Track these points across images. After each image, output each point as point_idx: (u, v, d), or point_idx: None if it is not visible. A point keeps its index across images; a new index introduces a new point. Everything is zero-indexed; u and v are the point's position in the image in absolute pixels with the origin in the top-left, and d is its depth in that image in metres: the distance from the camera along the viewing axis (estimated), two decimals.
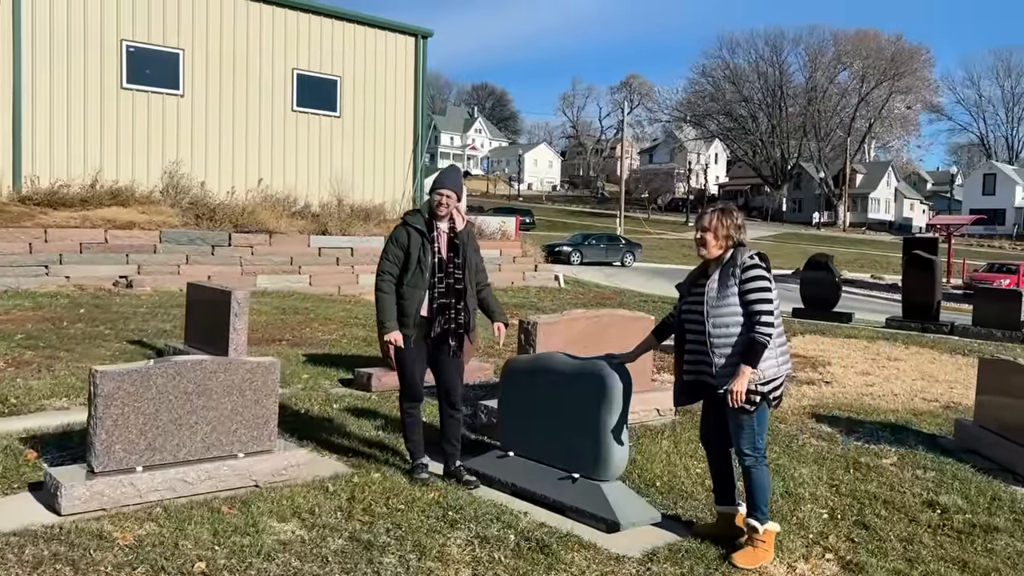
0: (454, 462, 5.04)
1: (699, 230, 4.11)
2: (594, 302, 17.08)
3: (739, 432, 4.03)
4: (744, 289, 3.92)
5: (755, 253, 4.02)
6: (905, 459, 6.02)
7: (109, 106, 17.73)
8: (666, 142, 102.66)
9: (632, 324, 6.83)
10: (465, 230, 5.07)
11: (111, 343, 9.01)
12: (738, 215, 4.14)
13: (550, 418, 4.80)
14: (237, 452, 4.73)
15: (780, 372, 4.01)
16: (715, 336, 3.95)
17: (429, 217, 4.92)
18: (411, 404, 5.00)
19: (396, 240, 4.91)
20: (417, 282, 4.84)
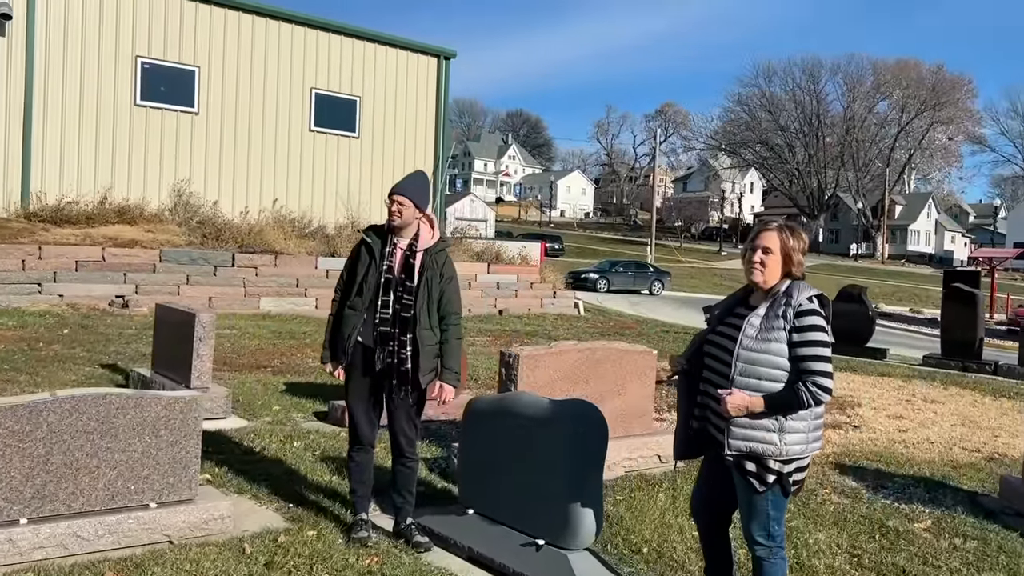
0: (404, 518, 4.33)
1: (758, 249, 3.19)
2: (612, 331, 16.29)
3: (751, 513, 3.21)
4: (799, 340, 3.07)
5: (817, 294, 3.15)
6: (941, 523, 5.18)
7: (122, 123, 17.44)
8: (701, 170, 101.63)
9: (630, 358, 6.09)
10: (432, 249, 4.28)
11: (81, 367, 8.45)
12: (806, 236, 3.26)
13: (514, 471, 4.07)
14: (148, 502, 4.06)
15: (808, 451, 3.16)
16: (739, 386, 3.11)
17: (389, 231, 4.24)
18: (354, 448, 4.28)
19: (349, 256, 4.35)
20: (356, 303, 4.19)
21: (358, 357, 4.18)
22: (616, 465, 5.90)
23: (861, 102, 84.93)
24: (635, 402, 6.15)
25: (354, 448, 4.27)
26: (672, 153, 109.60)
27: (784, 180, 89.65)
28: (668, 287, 36.00)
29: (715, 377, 3.24)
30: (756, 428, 3.10)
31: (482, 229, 45.78)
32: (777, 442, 3.09)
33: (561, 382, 5.73)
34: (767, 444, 3.09)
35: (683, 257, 60.55)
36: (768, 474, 3.12)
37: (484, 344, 12.79)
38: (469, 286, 18.19)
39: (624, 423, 6.08)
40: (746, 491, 3.18)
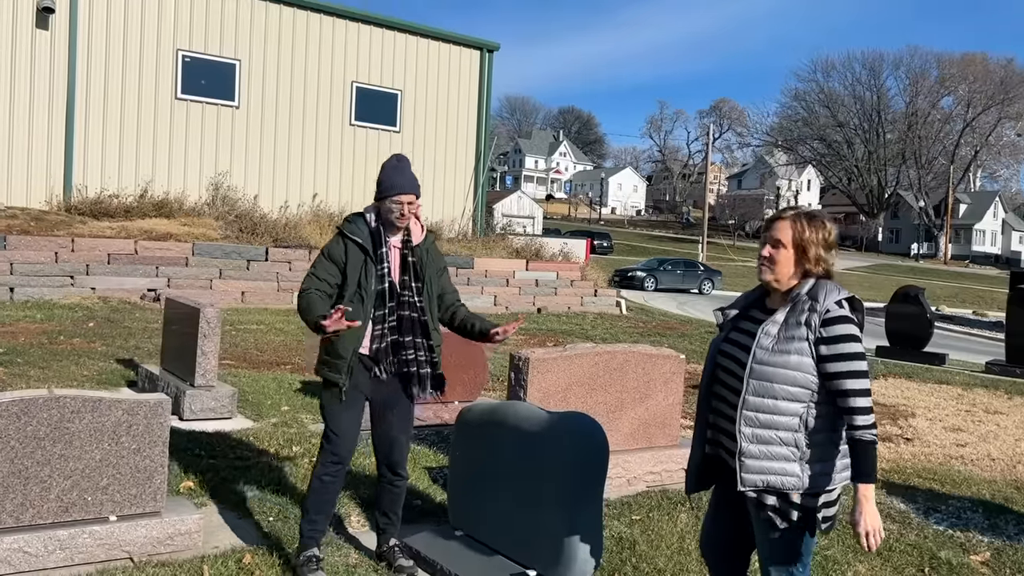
0: (388, 540, 3.91)
1: (767, 243, 2.71)
2: (653, 332, 15.70)
3: (771, 554, 2.70)
4: (828, 354, 2.53)
5: (847, 297, 2.62)
6: (1002, 556, 4.57)
7: (163, 116, 17.43)
8: (756, 167, 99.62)
9: (654, 363, 5.59)
10: (424, 244, 3.86)
11: (96, 362, 8.24)
12: (830, 226, 2.71)
13: (507, 491, 3.63)
14: (108, 514, 3.72)
15: (837, 482, 2.61)
16: (751, 407, 2.59)
17: (377, 227, 3.73)
18: (332, 465, 3.67)
19: (329, 254, 3.71)
20: (355, 314, 3.59)
21: (359, 370, 3.68)
22: (638, 480, 5.42)
23: (924, 97, 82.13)
24: (660, 411, 5.65)
25: (330, 464, 3.66)
26: (727, 150, 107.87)
27: (843, 177, 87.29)
28: (719, 286, 35.04)
29: (727, 394, 2.72)
30: (773, 458, 2.59)
31: (529, 226, 45.42)
32: (799, 473, 2.58)
33: (576, 388, 5.26)
34: (788, 476, 2.58)
35: (736, 256, 59.23)
36: (792, 510, 2.60)
37: (517, 344, 12.35)
38: (507, 283, 17.78)
39: (647, 434, 5.59)
40: (764, 529, 2.67)
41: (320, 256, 3.74)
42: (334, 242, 3.75)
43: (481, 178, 21.92)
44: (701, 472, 2.85)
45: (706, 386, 2.82)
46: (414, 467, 5.36)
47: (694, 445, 2.87)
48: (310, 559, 3.57)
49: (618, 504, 4.95)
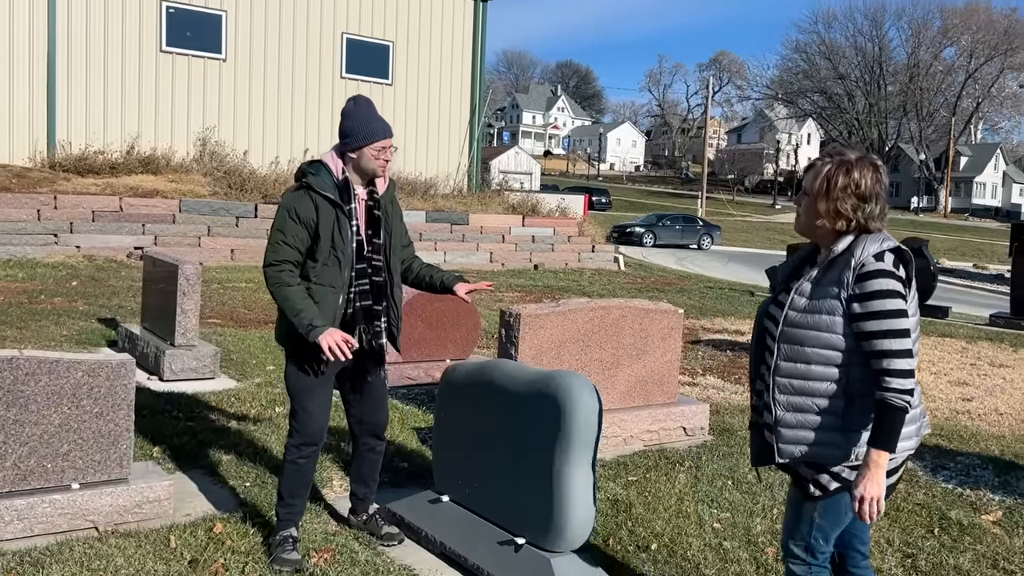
0: (368, 507, 3.69)
1: (803, 191, 2.43)
2: (651, 287, 15.46)
3: (794, 520, 2.48)
4: (861, 312, 2.27)
5: (892, 248, 2.33)
6: (1014, 515, 4.37)
7: (148, 70, 16.95)
8: (756, 121, 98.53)
9: (652, 318, 5.34)
10: (387, 195, 3.49)
11: (76, 321, 8.00)
12: (869, 173, 2.33)
13: (494, 454, 3.40)
14: (70, 482, 3.50)
15: (903, 448, 2.33)
16: (783, 373, 2.37)
17: (346, 178, 3.33)
18: (306, 447, 3.37)
19: (296, 214, 3.26)
20: (333, 278, 3.30)
21: None
22: (634, 439, 5.21)
23: (927, 48, 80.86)
24: (657, 367, 5.42)
25: (304, 447, 3.36)
26: (726, 103, 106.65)
27: (843, 131, 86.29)
28: (718, 241, 34.74)
29: (770, 359, 2.45)
30: (812, 427, 2.34)
31: (527, 182, 44.95)
32: (843, 443, 2.31)
33: (570, 345, 5.02)
34: (829, 447, 2.33)
35: (735, 211, 58.71)
36: (833, 481, 2.36)
37: (513, 300, 12.11)
38: (503, 239, 17.48)
39: (644, 391, 5.37)
40: (795, 492, 2.46)
41: (285, 216, 3.27)
42: (299, 198, 3.29)
43: (476, 132, 21.48)
44: (761, 443, 2.56)
45: (755, 354, 2.56)
46: (402, 428, 5.15)
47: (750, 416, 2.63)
48: (286, 539, 3.31)
49: (614, 464, 4.75)
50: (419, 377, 6.55)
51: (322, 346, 3.11)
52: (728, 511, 4.15)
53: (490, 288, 3.63)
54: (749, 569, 3.52)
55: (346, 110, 3.37)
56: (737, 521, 4.03)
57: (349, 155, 3.34)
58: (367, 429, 3.60)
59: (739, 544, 3.77)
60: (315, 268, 3.29)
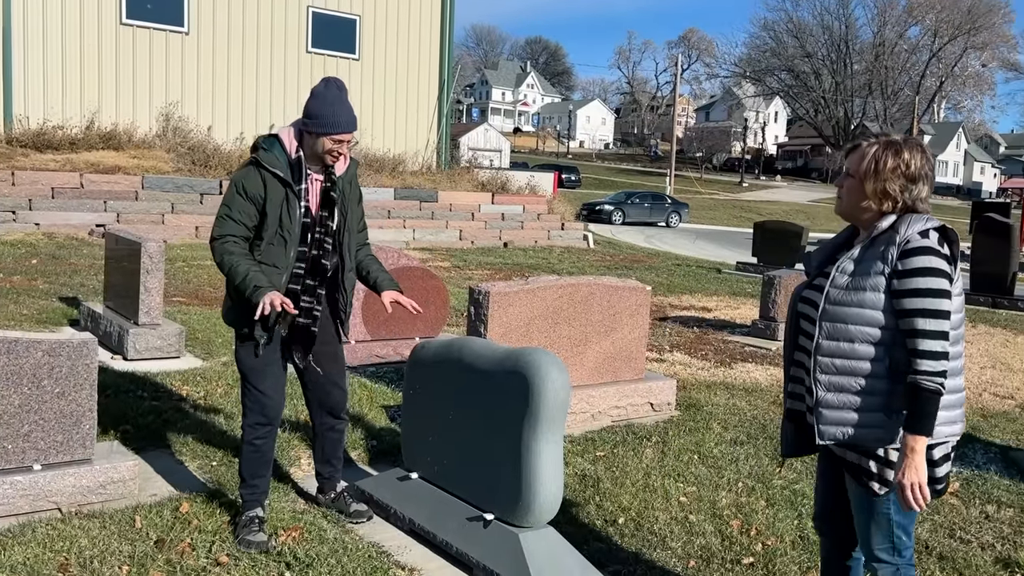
0: (335, 485, 3.68)
1: (846, 173, 2.40)
2: (620, 265, 15.53)
3: (868, 522, 2.40)
4: (901, 288, 2.24)
5: (937, 227, 2.29)
6: (971, 486, 4.49)
7: (107, 43, 16.55)
8: (724, 99, 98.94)
9: (620, 295, 5.37)
10: (347, 175, 3.43)
11: (36, 300, 7.85)
12: (910, 155, 2.32)
13: (462, 432, 3.40)
14: (31, 463, 3.44)
15: (939, 436, 2.29)
16: (825, 352, 2.33)
17: (299, 157, 3.26)
18: (263, 427, 3.34)
19: (244, 189, 3.21)
20: (277, 258, 3.24)
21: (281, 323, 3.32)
22: (602, 414, 5.25)
23: (892, 27, 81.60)
24: (625, 344, 5.46)
25: (260, 428, 3.33)
26: (695, 81, 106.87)
27: (810, 109, 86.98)
28: (686, 219, 34.94)
29: (808, 343, 2.42)
30: (856, 408, 2.29)
31: (496, 160, 44.76)
32: (886, 424, 2.27)
33: (539, 322, 5.04)
34: (875, 429, 2.28)
35: (704, 188, 59.03)
36: (886, 469, 2.31)
37: (482, 278, 12.10)
38: (472, 217, 17.42)
39: (612, 367, 5.41)
40: (858, 492, 2.38)
41: (234, 192, 3.24)
42: (249, 174, 3.23)
43: (445, 108, 21.31)
44: (793, 432, 2.55)
45: (790, 339, 2.54)
46: (371, 406, 5.14)
47: (784, 403, 2.60)
48: (252, 519, 3.28)
49: (582, 440, 4.79)
50: (388, 355, 6.53)
51: (263, 305, 3.07)
52: (694, 485, 4.21)
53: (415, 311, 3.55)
54: (714, 542, 3.58)
55: (316, 91, 3.29)
56: (703, 495, 4.08)
57: (308, 135, 3.27)
58: (325, 410, 3.58)
59: (705, 517, 3.82)
60: (260, 247, 3.24)
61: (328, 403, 3.56)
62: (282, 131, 3.31)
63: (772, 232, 15.38)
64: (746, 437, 5.08)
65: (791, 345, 2.53)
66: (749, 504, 4.00)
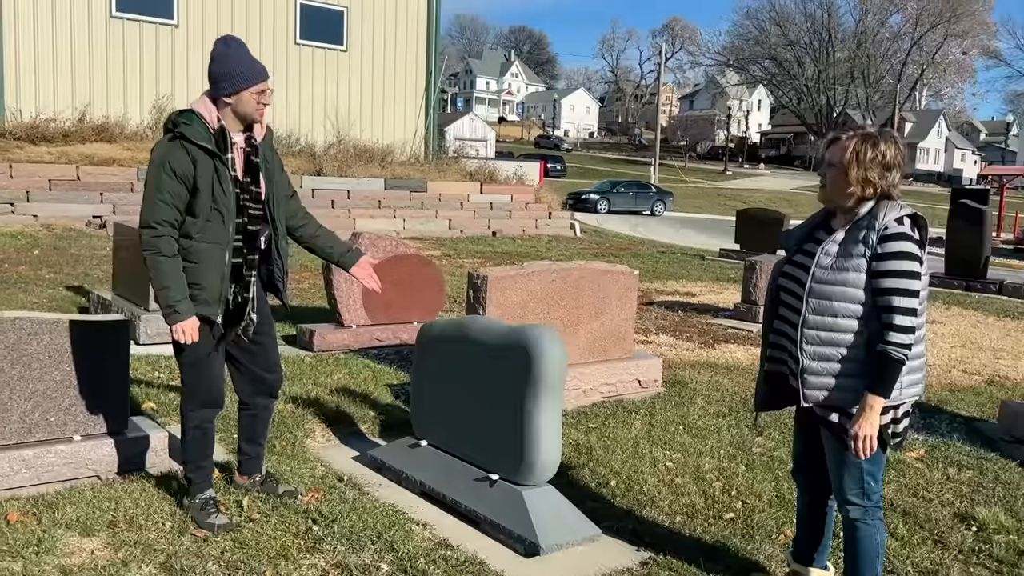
0: (260, 467, 3.66)
1: (828, 163, 2.72)
2: (607, 252, 15.88)
3: (841, 471, 2.76)
4: (880, 269, 2.57)
5: (910, 214, 2.64)
6: (935, 452, 4.86)
7: (98, 36, 16.69)
8: (707, 88, 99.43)
9: (609, 279, 5.70)
10: (266, 142, 3.35)
11: (44, 289, 8.10)
12: (886, 146, 2.65)
13: (468, 401, 3.73)
14: (72, 434, 3.74)
15: (903, 397, 2.66)
16: (811, 325, 2.67)
17: (222, 126, 3.16)
18: (209, 410, 3.37)
19: (172, 168, 3.08)
20: (218, 234, 3.17)
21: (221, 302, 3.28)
22: (593, 391, 5.59)
23: (874, 15, 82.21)
24: (615, 325, 5.80)
25: (206, 410, 3.36)
26: (679, 70, 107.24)
27: (792, 97, 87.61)
28: (670, 208, 35.36)
29: (789, 314, 2.78)
30: (836, 375, 2.65)
31: (482, 149, 44.91)
32: (861, 389, 2.62)
33: (534, 304, 5.36)
34: (850, 392, 2.64)
35: (687, 177, 59.47)
36: None
37: (473, 266, 12.40)
38: (461, 206, 17.71)
39: (603, 347, 5.74)
40: (835, 446, 2.74)
41: (160, 172, 3.09)
42: (174, 152, 3.10)
43: (432, 99, 21.54)
44: (768, 392, 2.92)
45: (769, 309, 2.89)
46: (376, 384, 5.45)
47: (760, 364, 2.95)
48: (207, 502, 3.32)
49: (575, 414, 5.12)
50: (387, 339, 6.84)
51: (174, 331, 3.11)
52: (680, 452, 4.56)
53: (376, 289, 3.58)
54: (699, 500, 3.93)
55: (217, 53, 3.19)
56: (688, 461, 4.43)
57: (224, 100, 3.17)
58: (263, 389, 3.54)
59: (689, 480, 4.17)
60: (197, 224, 3.14)
61: (266, 382, 3.53)
62: (196, 104, 3.21)
63: (754, 219, 15.76)
64: (728, 410, 5.43)
65: (771, 315, 2.87)
66: (730, 468, 4.35)
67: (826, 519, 3.02)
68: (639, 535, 3.54)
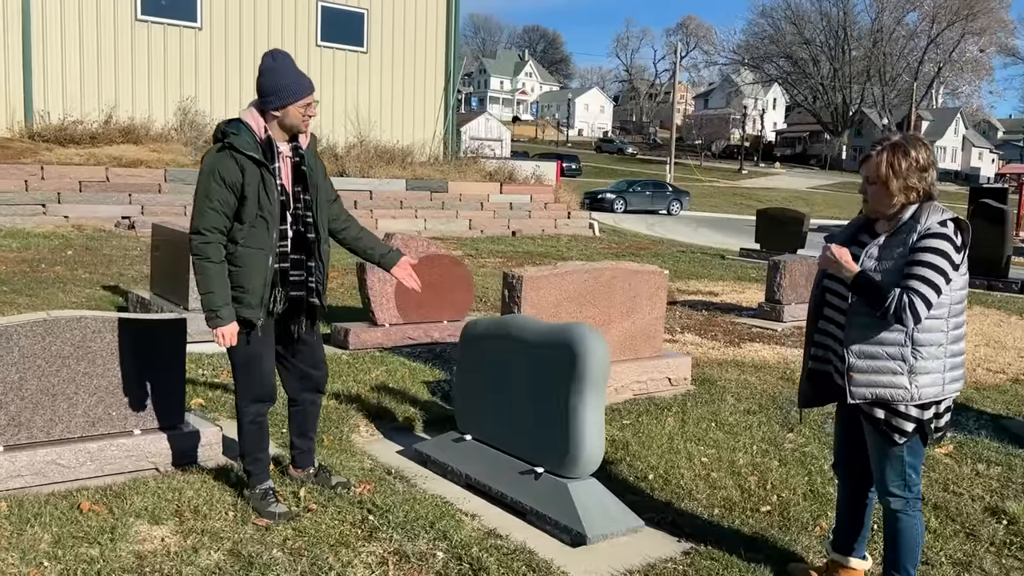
0: (312, 459, 3.81)
1: (865, 180, 2.82)
2: (627, 252, 15.98)
3: (883, 463, 2.87)
4: (911, 258, 2.69)
5: (952, 218, 2.74)
6: (964, 449, 4.95)
7: (123, 39, 16.94)
8: (722, 86, 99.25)
9: (640, 279, 5.82)
10: (311, 149, 3.49)
11: (82, 289, 8.30)
12: (916, 151, 2.75)
13: (513, 397, 3.86)
14: (132, 428, 3.90)
15: (945, 393, 2.78)
16: (857, 325, 2.78)
17: (268, 136, 3.31)
18: (262, 404, 3.52)
19: (221, 176, 3.23)
20: (262, 240, 3.30)
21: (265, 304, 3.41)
22: (625, 388, 5.71)
23: (890, 13, 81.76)
24: (645, 324, 5.91)
25: (260, 404, 3.50)
26: (693, 69, 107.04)
27: (808, 96, 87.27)
28: (687, 207, 35.39)
29: (835, 314, 2.90)
30: (881, 372, 2.76)
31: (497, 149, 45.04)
32: (907, 385, 2.74)
33: (567, 304, 5.49)
34: (896, 388, 2.75)
35: (703, 176, 59.45)
36: (906, 422, 2.77)
37: (495, 266, 12.55)
38: (481, 206, 17.86)
39: (633, 345, 5.86)
40: (878, 440, 2.84)
41: (209, 180, 3.26)
42: (224, 161, 3.25)
43: (451, 99, 21.71)
44: (811, 389, 3.03)
45: (813, 310, 3.00)
46: (413, 382, 5.59)
47: (804, 364, 3.06)
48: (267, 492, 3.46)
49: (608, 411, 5.23)
50: (419, 337, 6.98)
51: (216, 334, 3.27)
52: (713, 448, 4.67)
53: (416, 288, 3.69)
54: (735, 494, 4.04)
55: (265, 67, 3.32)
56: (722, 456, 4.55)
57: (272, 113, 3.31)
58: (310, 386, 3.68)
59: (725, 474, 4.29)
60: (242, 230, 3.28)
61: (312, 378, 3.67)
62: (244, 115, 3.34)
63: (774, 219, 15.82)
64: (758, 407, 5.54)
65: (815, 316, 2.99)
66: (764, 464, 4.46)
67: (866, 511, 3.13)
68: (679, 527, 3.66)
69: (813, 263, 9.31)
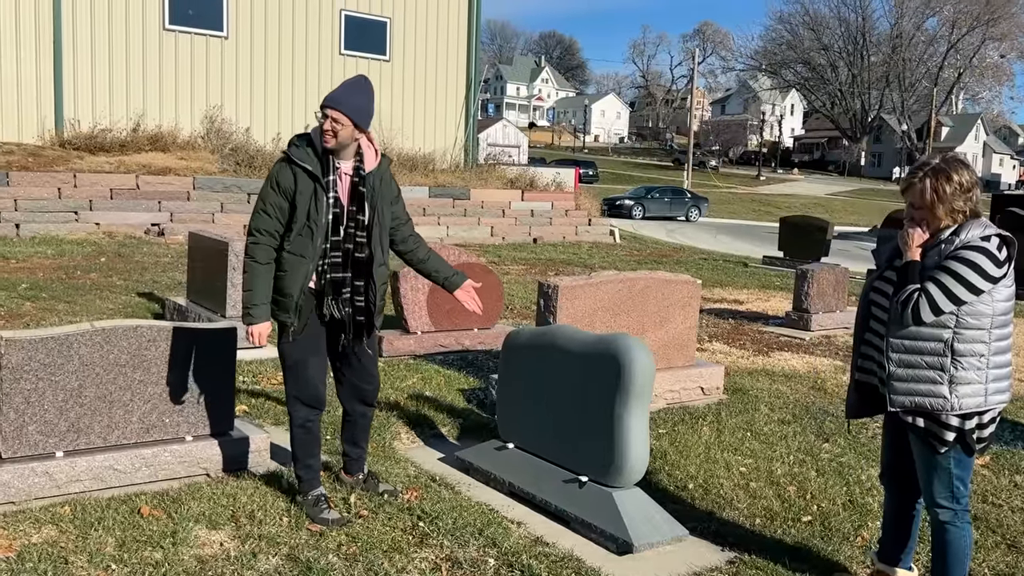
0: (362, 466, 3.91)
1: (910, 205, 2.85)
2: (649, 259, 16.01)
3: (931, 475, 2.90)
4: (940, 264, 2.76)
5: (996, 233, 2.77)
6: (1001, 460, 4.97)
7: (151, 48, 17.18)
8: (739, 92, 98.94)
9: (673, 288, 5.87)
10: (378, 172, 3.56)
11: (118, 295, 8.44)
12: (958, 174, 2.79)
13: (555, 406, 3.92)
14: (184, 435, 3.99)
15: (989, 404, 2.81)
16: (898, 335, 2.83)
17: (324, 151, 3.45)
18: (311, 410, 3.60)
19: (277, 184, 3.44)
20: (304, 248, 3.42)
21: (308, 306, 3.51)
22: (658, 397, 5.76)
23: (909, 18, 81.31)
24: (678, 333, 5.96)
25: (308, 410, 3.59)
26: (710, 75, 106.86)
27: (826, 102, 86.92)
28: (705, 213, 35.36)
29: (880, 327, 2.95)
30: (921, 381, 2.81)
31: (515, 155, 45.20)
32: (947, 395, 2.79)
33: (602, 313, 5.55)
34: (935, 398, 2.80)
35: (720, 182, 59.33)
36: (946, 431, 2.81)
37: (519, 273, 12.62)
38: (503, 214, 17.94)
39: (666, 355, 5.91)
40: (923, 450, 2.89)
41: (268, 187, 3.47)
42: (282, 170, 3.46)
43: (472, 107, 21.83)
44: (858, 400, 3.08)
45: (859, 323, 3.06)
46: (449, 390, 5.66)
47: (851, 375, 3.13)
48: (319, 499, 3.56)
49: None
50: (451, 345, 7.06)
51: (248, 331, 3.46)
52: (751, 457, 4.72)
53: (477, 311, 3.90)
54: (775, 504, 4.09)
55: None
56: (760, 466, 4.59)
57: None
58: (358, 397, 3.76)
59: (764, 484, 4.33)
60: (289, 237, 3.44)
61: (362, 391, 3.75)
62: (313, 129, 3.52)
63: (798, 227, 15.81)
64: (791, 417, 5.58)
65: (862, 327, 3.04)
66: (802, 473, 4.50)
67: (913, 522, 3.17)
68: (722, 536, 3.71)
69: (840, 272, 9.31)
